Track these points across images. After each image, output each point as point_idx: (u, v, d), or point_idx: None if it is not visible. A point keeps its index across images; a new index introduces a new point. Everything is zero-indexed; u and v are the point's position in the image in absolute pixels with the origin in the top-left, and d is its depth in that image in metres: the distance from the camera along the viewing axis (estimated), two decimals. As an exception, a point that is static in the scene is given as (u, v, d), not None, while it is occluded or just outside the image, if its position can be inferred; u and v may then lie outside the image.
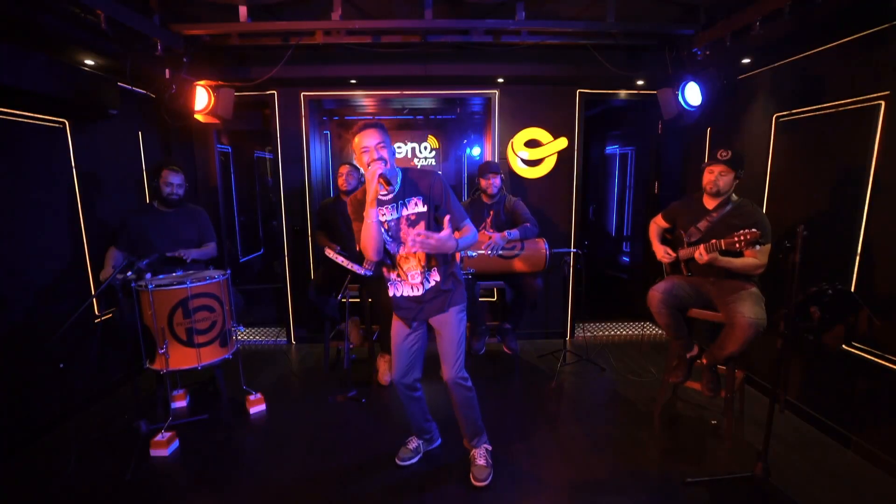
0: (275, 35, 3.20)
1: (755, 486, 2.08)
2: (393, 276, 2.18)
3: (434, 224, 2.09)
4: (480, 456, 2.29)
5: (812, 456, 2.44)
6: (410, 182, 2.08)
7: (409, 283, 2.14)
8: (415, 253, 2.09)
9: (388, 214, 2.08)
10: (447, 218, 1.98)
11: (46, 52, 2.54)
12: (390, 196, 2.07)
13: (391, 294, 2.21)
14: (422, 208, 2.06)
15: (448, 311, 2.15)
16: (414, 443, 2.45)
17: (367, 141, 1.96)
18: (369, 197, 1.93)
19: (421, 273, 2.11)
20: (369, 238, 1.99)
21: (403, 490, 2.21)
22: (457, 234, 2.09)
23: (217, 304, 2.68)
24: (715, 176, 2.47)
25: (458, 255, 2.35)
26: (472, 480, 2.22)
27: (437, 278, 2.12)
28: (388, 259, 2.15)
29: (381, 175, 1.90)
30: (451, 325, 2.15)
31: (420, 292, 2.13)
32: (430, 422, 2.48)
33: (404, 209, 2.07)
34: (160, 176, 2.92)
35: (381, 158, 1.95)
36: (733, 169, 2.44)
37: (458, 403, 2.21)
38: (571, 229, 4.12)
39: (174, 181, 2.93)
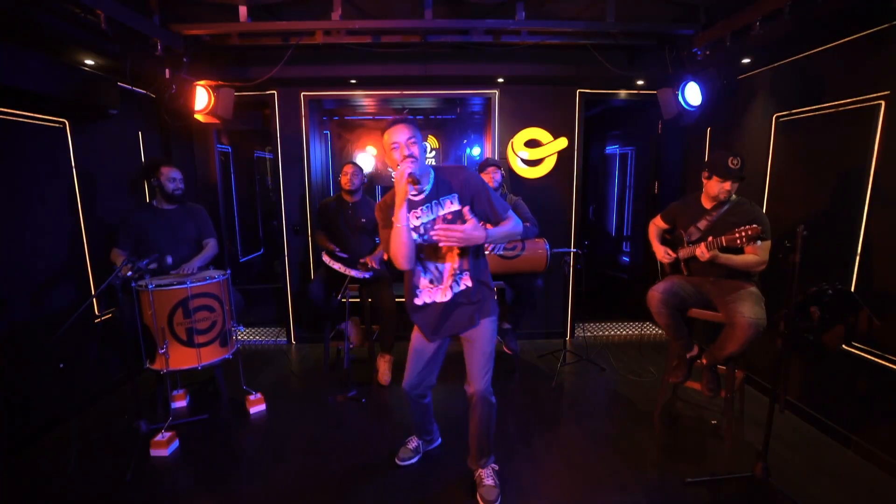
0: (275, 35, 3.20)
1: (755, 486, 2.08)
2: (422, 283, 2.02)
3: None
4: (488, 476, 2.14)
5: (812, 456, 2.44)
6: (443, 181, 1.95)
7: (438, 287, 2.00)
8: (450, 249, 1.96)
9: (422, 217, 1.94)
10: (466, 209, 1.90)
11: (46, 52, 2.54)
12: (422, 196, 1.93)
13: (416, 303, 2.05)
14: (456, 206, 1.94)
15: (479, 324, 2.02)
16: (414, 442, 2.45)
17: (396, 136, 1.84)
18: (398, 199, 1.80)
19: (452, 276, 1.98)
20: (399, 245, 1.84)
21: (403, 490, 2.21)
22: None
23: (217, 304, 2.68)
24: (730, 186, 2.44)
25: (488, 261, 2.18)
26: (481, 501, 2.07)
27: (469, 283, 1.99)
28: (420, 265, 2.00)
29: (409, 174, 1.76)
30: (482, 337, 2.03)
31: (448, 297, 2.00)
32: (433, 423, 2.47)
33: (440, 209, 1.93)
34: (160, 174, 2.91)
35: (411, 155, 1.82)
36: (744, 176, 2.43)
37: (478, 419, 2.06)
38: (571, 229, 4.12)
39: (176, 176, 2.94)
